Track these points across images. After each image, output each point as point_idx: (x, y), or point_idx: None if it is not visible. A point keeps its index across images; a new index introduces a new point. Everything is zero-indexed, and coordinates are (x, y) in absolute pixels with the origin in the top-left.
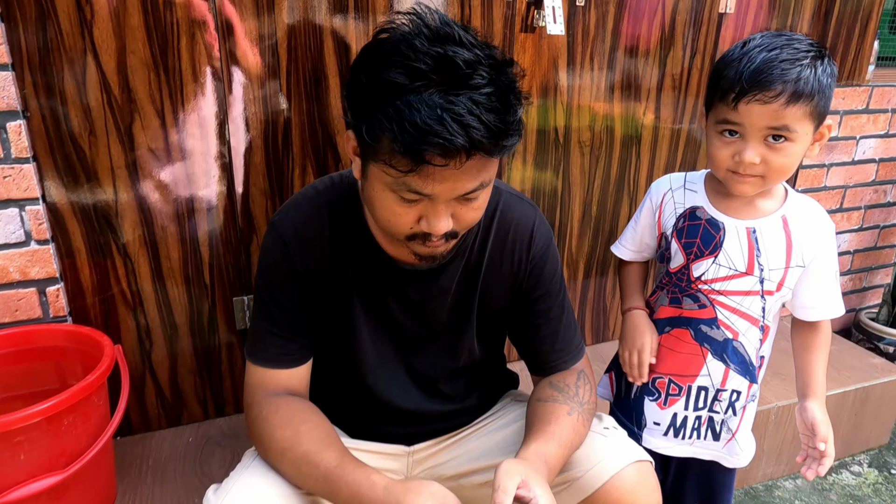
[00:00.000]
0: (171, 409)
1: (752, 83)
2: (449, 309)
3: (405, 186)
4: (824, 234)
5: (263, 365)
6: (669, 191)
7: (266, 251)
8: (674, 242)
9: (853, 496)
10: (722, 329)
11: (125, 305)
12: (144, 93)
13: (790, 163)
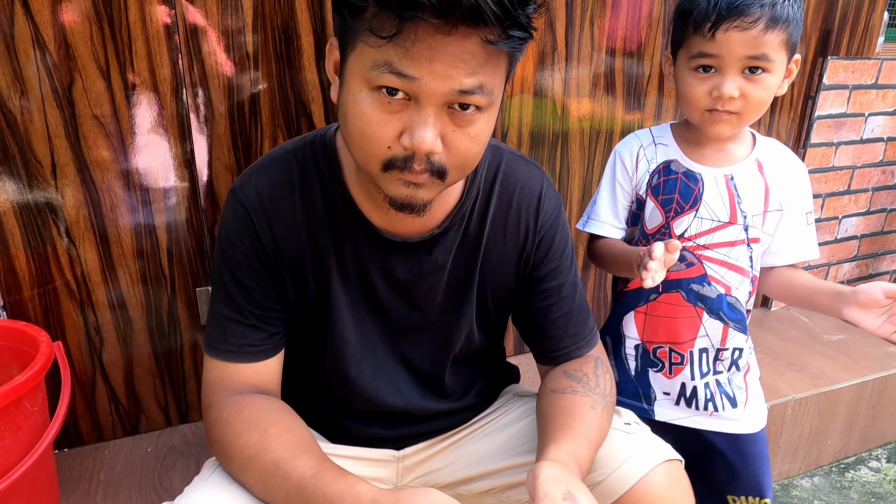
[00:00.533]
0: (126, 415)
1: (730, 9)
2: (444, 288)
3: (386, 66)
4: (798, 175)
5: (224, 359)
6: (640, 147)
7: (225, 223)
8: (649, 201)
9: (874, 493)
10: (714, 285)
11: (70, 298)
12: (86, 49)
13: (767, 96)
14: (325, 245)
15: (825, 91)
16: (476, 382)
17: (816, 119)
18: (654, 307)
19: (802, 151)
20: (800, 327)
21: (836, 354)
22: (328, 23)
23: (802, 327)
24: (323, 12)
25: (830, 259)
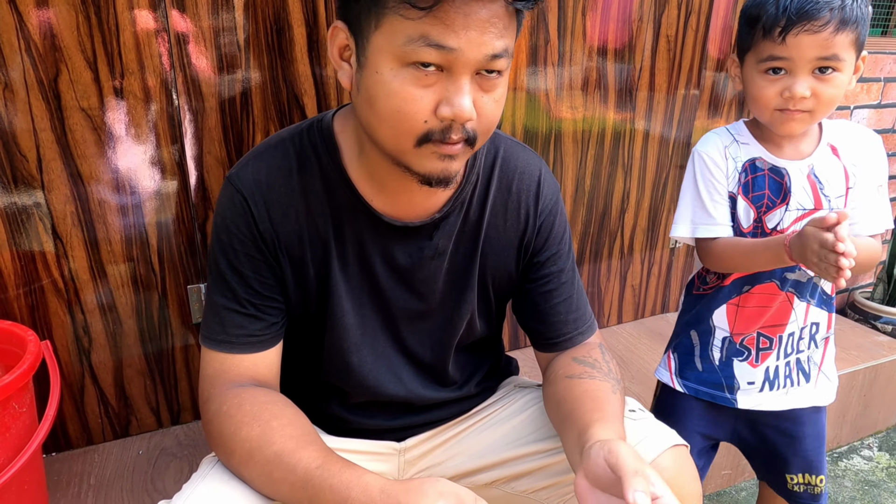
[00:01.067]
0: (116, 418)
1: (800, 13)
2: (445, 274)
3: (423, 40)
4: (871, 149)
5: (223, 350)
6: (725, 147)
7: (221, 211)
8: (740, 199)
9: (868, 482)
10: (804, 270)
11: (57, 297)
12: (72, 39)
13: (838, 94)
14: (325, 230)
15: None
16: (477, 372)
17: None
18: (747, 298)
19: None
20: None
21: None
22: (321, 13)
23: None
24: (315, 3)
25: None
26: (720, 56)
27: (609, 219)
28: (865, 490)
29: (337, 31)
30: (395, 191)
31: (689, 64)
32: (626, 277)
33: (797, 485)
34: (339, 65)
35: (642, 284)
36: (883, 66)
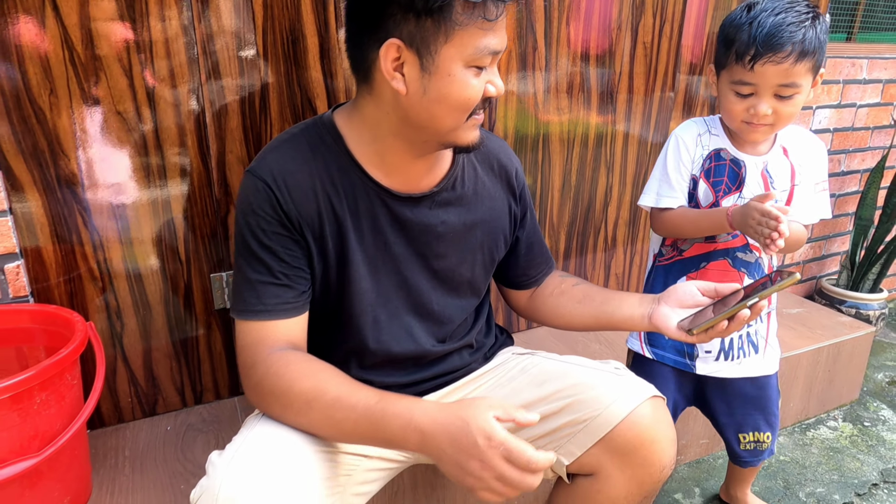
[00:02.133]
0: (145, 397)
1: (766, 46)
2: (449, 238)
3: (485, 49)
4: (815, 153)
5: (261, 318)
6: (699, 135)
7: (246, 198)
8: (702, 182)
9: (832, 448)
10: (752, 251)
11: (93, 284)
12: (110, 50)
13: (796, 111)
14: (341, 207)
15: None
16: (476, 324)
17: None
18: (703, 274)
19: None
20: None
21: (795, 325)
22: (331, 25)
23: None
24: (326, 15)
25: None
26: (693, 61)
27: (593, 213)
28: (830, 455)
29: (390, 49)
30: (401, 169)
31: (664, 68)
32: (610, 267)
33: (749, 443)
34: (393, 76)
35: (625, 273)
36: (842, 70)
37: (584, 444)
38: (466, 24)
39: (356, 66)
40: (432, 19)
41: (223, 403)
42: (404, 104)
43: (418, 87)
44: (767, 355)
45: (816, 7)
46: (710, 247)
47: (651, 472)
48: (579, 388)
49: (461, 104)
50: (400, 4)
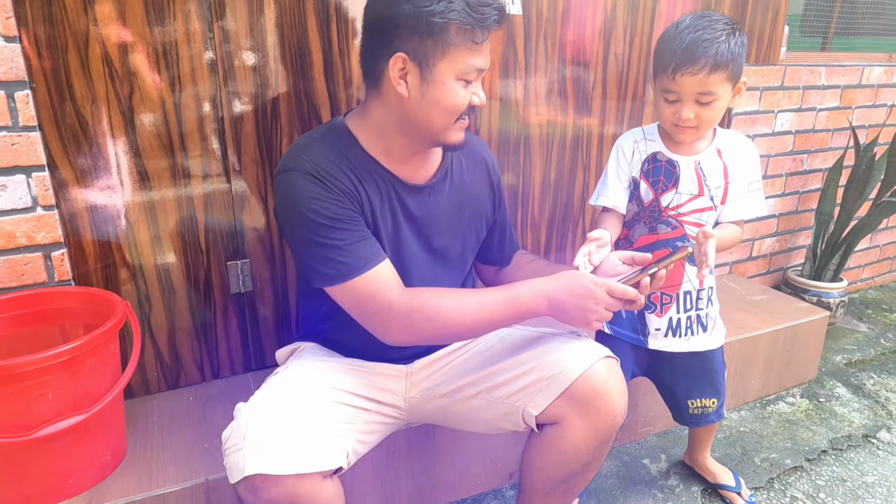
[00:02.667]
0: (169, 372)
1: (684, 59)
2: (444, 219)
3: (473, 66)
4: (747, 155)
5: (372, 267)
6: (635, 142)
7: (298, 191)
8: (642, 182)
9: (789, 421)
10: (691, 241)
11: (126, 270)
12: (143, 65)
13: (716, 115)
14: (371, 191)
15: None
16: None
17: (734, 116)
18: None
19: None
20: (730, 291)
21: (757, 311)
22: (334, 42)
23: (732, 292)
24: (329, 33)
25: (754, 235)
26: None
27: (572, 209)
28: (786, 427)
29: (397, 61)
30: (404, 161)
31: (634, 76)
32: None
33: (696, 408)
34: (398, 82)
35: None
36: (801, 77)
37: (550, 396)
38: (459, 45)
39: (368, 72)
40: (432, 39)
41: (238, 379)
42: (405, 106)
43: (418, 93)
44: (714, 333)
45: (735, 24)
46: (653, 238)
47: (605, 419)
48: (547, 350)
49: (451, 109)
50: (407, 26)
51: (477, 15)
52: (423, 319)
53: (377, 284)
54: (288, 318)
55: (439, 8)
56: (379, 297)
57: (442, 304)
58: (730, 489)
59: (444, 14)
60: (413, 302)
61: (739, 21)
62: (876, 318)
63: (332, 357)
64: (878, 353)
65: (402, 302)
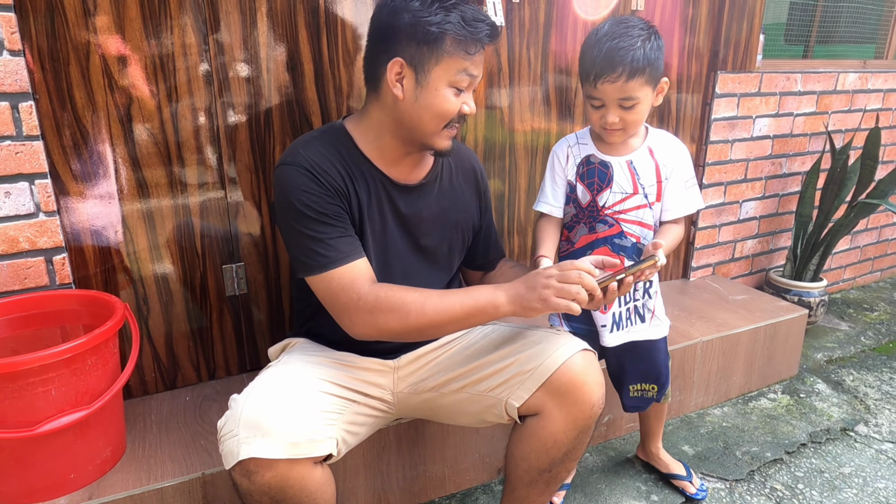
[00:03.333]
0: (167, 372)
1: (602, 68)
2: (432, 220)
3: (465, 73)
4: (679, 154)
5: (348, 262)
6: (569, 147)
7: (292, 183)
8: (578, 185)
9: (770, 416)
10: (628, 238)
11: (125, 274)
12: (140, 77)
13: (641, 117)
14: (359, 190)
15: (718, 98)
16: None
17: (713, 121)
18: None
19: (704, 148)
20: (712, 292)
21: (738, 309)
22: (324, 53)
23: (714, 292)
24: (319, 45)
25: (736, 237)
26: None
27: None
28: (766, 421)
29: (395, 65)
30: (397, 162)
31: None
32: None
33: (636, 391)
34: (394, 84)
35: None
36: (777, 83)
37: (531, 388)
38: (452, 54)
39: (370, 76)
40: (428, 46)
41: (233, 379)
42: (400, 108)
43: (412, 96)
44: (653, 324)
45: (652, 28)
46: (593, 237)
47: (583, 409)
48: (527, 344)
49: (441, 113)
50: (406, 34)
51: (471, 28)
52: (388, 310)
53: (351, 277)
54: (281, 319)
55: (436, 19)
56: (350, 288)
57: (406, 297)
58: (681, 478)
59: (440, 25)
60: (380, 293)
61: (716, 28)
62: (857, 317)
63: (322, 352)
64: (858, 351)
65: (370, 293)
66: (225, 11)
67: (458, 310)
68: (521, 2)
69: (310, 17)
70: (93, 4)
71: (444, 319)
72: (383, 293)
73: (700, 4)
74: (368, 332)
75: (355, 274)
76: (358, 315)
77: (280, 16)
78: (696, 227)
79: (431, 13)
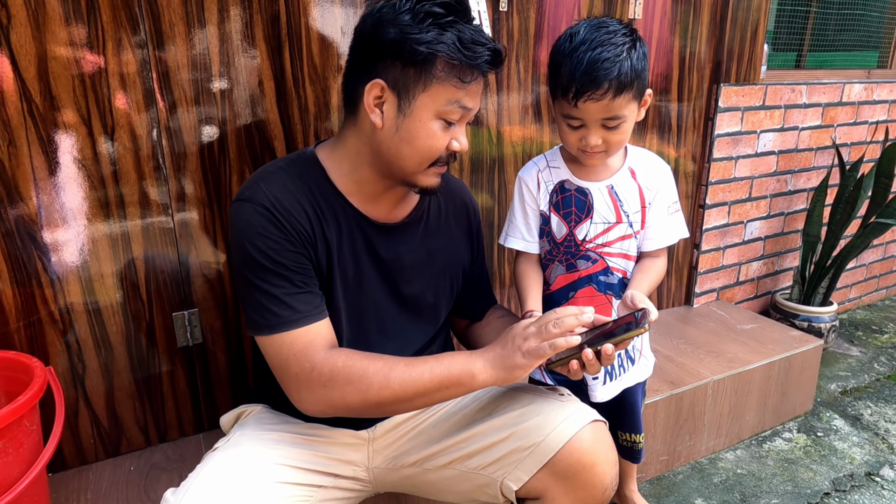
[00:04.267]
0: (108, 438)
1: (585, 84)
2: (417, 265)
3: (457, 104)
4: (662, 176)
5: (303, 325)
6: (539, 171)
7: (248, 223)
8: (553, 216)
9: (787, 460)
10: (614, 273)
11: (54, 328)
12: (69, 100)
13: (626, 137)
14: (329, 231)
15: (721, 113)
16: (436, 350)
17: (717, 137)
18: (574, 304)
19: (707, 165)
20: (717, 320)
21: (748, 341)
22: (287, 70)
23: (720, 320)
24: (282, 60)
25: (741, 259)
26: None
27: None
28: (785, 467)
29: (374, 87)
30: (376, 198)
31: None
32: None
33: (625, 441)
34: (372, 110)
35: None
36: (782, 96)
37: (531, 469)
38: (443, 80)
39: (347, 96)
40: (415, 69)
41: (188, 441)
42: (378, 137)
43: (392, 125)
44: (640, 365)
45: (634, 32)
46: (573, 276)
47: (594, 493)
48: (526, 414)
49: (425, 150)
50: (391, 51)
51: (468, 52)
52: (345, 382)
53: (304, 343)
54: (243, 370)
55: (427, 37)
56: (303, 356)
57: (368, 367)
58: None
59: (431, 45)
60: (338, 362)
61: (717, 38)
62: (867, 340)
63: (282, 424)
64: (872, 380)
65: (326, 363)
66: (168, 23)
67: (428, 381)
68: (510, 11)
69: (269, 28)
70: (5, 15)
71: (410, 393)
72: (341, 362)
73: (701, 12)
74: (321, 408)
75: (311, 339)
76: (310, 389)
77: (234, 27)
78: (699, 251)
79: (422, 30)
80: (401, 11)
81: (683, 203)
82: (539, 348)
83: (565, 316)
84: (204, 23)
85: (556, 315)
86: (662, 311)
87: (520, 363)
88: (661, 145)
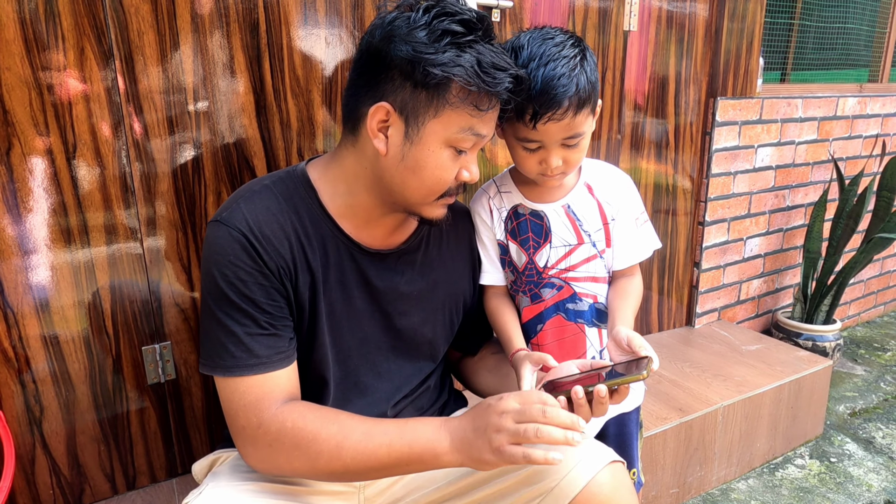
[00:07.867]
0: (69, 487)
1: (544, 105)
2: (413, 297)
3: (470, 132)
4: (622, 187)
5: (259, 372)
6: (490, 199)
7: (220, 248)
8: (511, 244)
9: (802, 489)
10: (583, 299)
11: (7, 367)
12: (24, 115)
13: (584, 153)
14: (314, 258)
15: (719, 127)
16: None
17: (714, 152)
18: (543, 336)
19: (706, 181)
20: (721, 341)
21: (755, 362)
22: (267, 82)
23: (724, 341)
24: (261, 71)
25: (741, 277)
26: (638, 103)
27: None
28: (801, 496)
29: (379, 111)
30: (371, 224)
31: (609, 111)
32: None
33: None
34: (376, 135)
35: None
36: (779, 109)
37: None
38: (457, 107)
39: (348, 114)
40: (427, 93)
41: (159, 487)
42: (382, 164)
43: (398, 152)
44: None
45: (581, 41)
46: (540, 307)
47: None
48: None
49: (433, 181)
50: (401, 71)
51: (487, 78)
52: (293, 446)
53: (258, 394)
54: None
55: (443, 59)
56: (252, 409)
57: (320, 432)
58: None
59: (446, 67)
60: (287, 422)
61: (713, 51)
62: (870, 358)
63: (258, 473)
64: (880, 400)
65: (274, 421)
66: (136, 31)
67: (384, 456)
68: (502, 21)
69: (248, 37)
70: None
71: (363, 467)
72: (290, 422)
73: (696, 25)
74: (267, 468)
75: (265, 391)
76: (255, 446)
77: (210, 36)
78: (699, 269)
79: (438, 50)
80: (416, 27)
81: (681, 220)
82: (511, 453)
83: (552, 421)
84: (176, 32)
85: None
86: (664, 333)
87: (487, 459)
88: (658, 161)
